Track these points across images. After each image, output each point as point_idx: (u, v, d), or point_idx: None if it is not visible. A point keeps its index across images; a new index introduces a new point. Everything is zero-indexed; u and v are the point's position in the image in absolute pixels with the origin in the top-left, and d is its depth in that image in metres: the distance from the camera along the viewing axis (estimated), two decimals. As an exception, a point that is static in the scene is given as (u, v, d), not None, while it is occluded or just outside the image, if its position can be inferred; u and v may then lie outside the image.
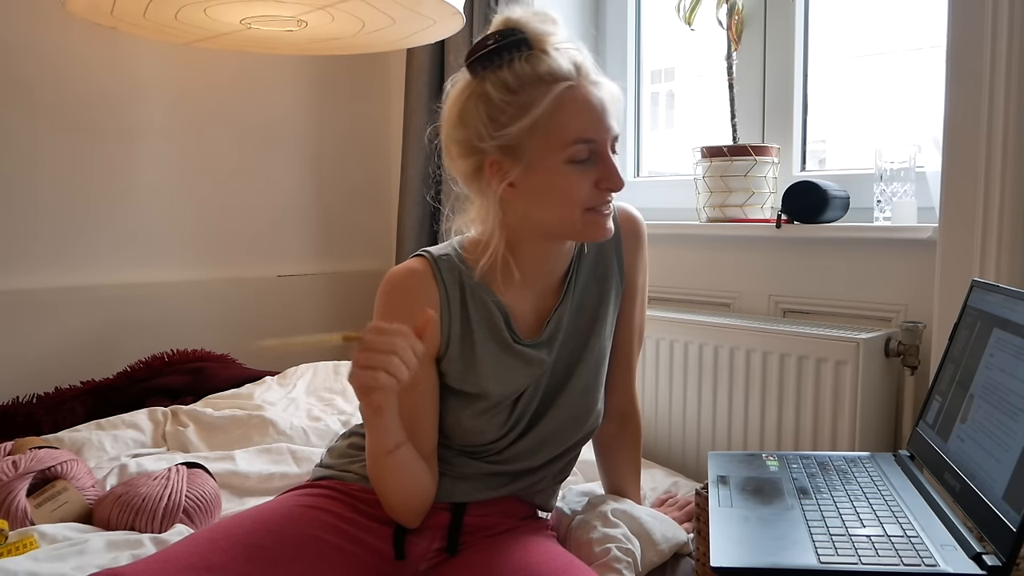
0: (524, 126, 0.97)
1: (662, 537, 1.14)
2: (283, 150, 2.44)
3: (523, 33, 0.99)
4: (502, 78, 0.98)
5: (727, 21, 1.79)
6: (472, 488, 1.10)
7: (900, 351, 1.43)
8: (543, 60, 0.98)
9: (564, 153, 0.98)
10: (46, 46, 2.01)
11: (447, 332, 1.06)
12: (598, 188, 1.00)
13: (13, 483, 1.26)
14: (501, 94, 0.98)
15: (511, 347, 1.08)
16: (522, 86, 0.97)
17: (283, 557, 0.98)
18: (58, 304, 2.05)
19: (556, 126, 0.97)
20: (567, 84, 0.97)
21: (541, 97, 0.96)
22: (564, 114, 0.97)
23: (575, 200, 0.99)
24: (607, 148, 1.00)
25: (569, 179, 0.99)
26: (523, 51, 0.98)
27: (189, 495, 1.28)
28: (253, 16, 1.61)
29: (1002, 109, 1.21)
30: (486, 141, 0.99)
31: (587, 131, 0.98)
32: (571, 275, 1.12)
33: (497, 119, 0.98)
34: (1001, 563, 0.77)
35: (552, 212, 1.01)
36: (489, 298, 1.07)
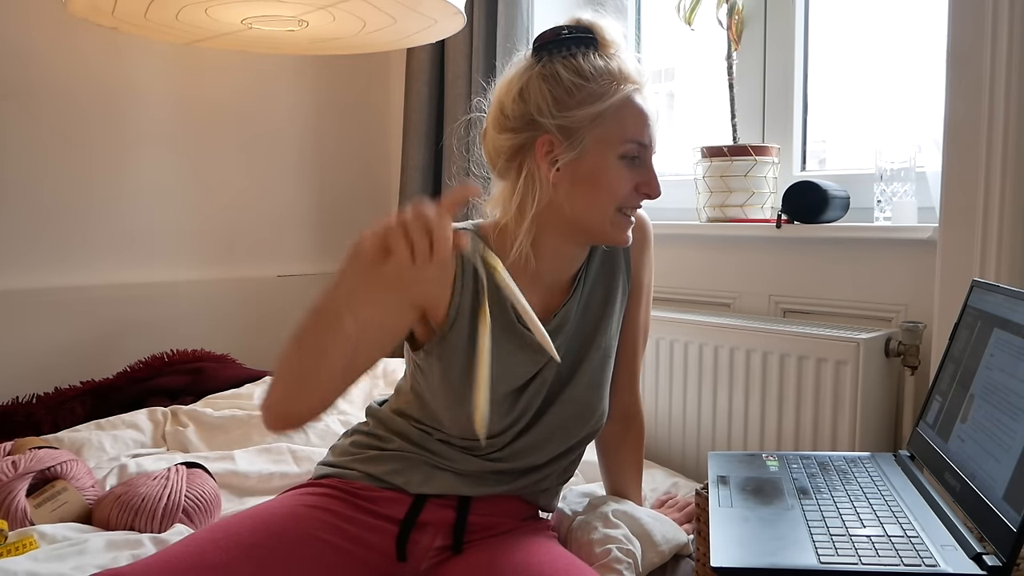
0: (590, 113, 1.01)
1: (662, 538, 1.14)
2: (283, 150, 2.44)
3: (594, 34, 1.05)
4: (575, 65, 1.03)
5: (727, 21, 1.79)
6: (476, 484, 1.10)
7: (900, 351, 1.43)
8: (616, 59, 1.04)
9: (619, 148, 1.03)
10: (47, 47, 2.01)
11: (457, 304, 1.05)
12: (637, 191, 1.05)
13: (13, 483, 1.26)
14: (573, 77, 1.02)
15: (515, 330, 1.08)
16: (596, 76, 1.02)
17: (283, 557, 0.98)
18: (58, 304, 2.05)
19: (618, 121, 1.02)
20: (636, 86, 1.04)
21: (612, 91, 1.02)
22: (628, 113, 1.03)
23: (615, 195, 1.04)
24: (651, 156, 1.07)
25: (616, 173, 1.03)
26: (593, 46, 1.04)
27: (189, 495, 1.28)
28: (254, 16, 1.61)
29: (1002, 109, 1.21)
30: (546, 117, 1.02)
31: (642, 134, 1.04)
32: (582, 274, 1.14)
33: (563, 101, 1.02)
34: (1001, 563, 0.77)
35: (588, 203, 1.04)
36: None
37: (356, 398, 1.92)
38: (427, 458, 1.10)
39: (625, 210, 1.06)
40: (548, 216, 1.06)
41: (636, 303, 1.21)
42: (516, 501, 1.14)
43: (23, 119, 2.00)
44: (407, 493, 1.08)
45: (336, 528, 1.04)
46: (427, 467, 1.10)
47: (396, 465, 1.10)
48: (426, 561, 1.08)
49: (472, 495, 1.10)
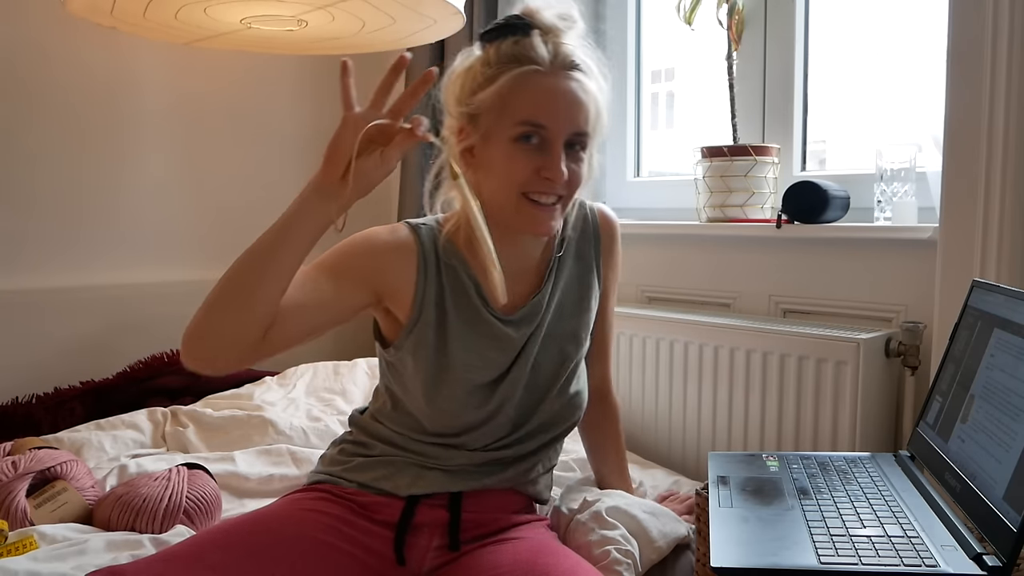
0: (487, 97, 1.01)
1: (659, 534, 1.15)
2: (283, 150, 2.44)
3: (529, 21, 1.02)
4: (488, 53, 1.03)
5: (727, 21, 1.79)
6: (465, 479, 1.10)
7: (900, 351, 1.43)
8: (525, 44, 1.01)
9: (512, 130, 1.00)
10: (46, 46, 2.01)
11: (421, 295, 1.06)
12: (538, 176, 1.01)
13: (13, 483, 1.26)
14: (480, 65, 1.03)
15: (482, 316, 1.08)
16: (498, 62, 1.01)
17: (284, 558, 0.98)
18: (58, 304, 2.05)
19: (512, 103, 1.00)
20: (533, 68, 1.00)
21: (506, 73, 1.00)
22: (522, 94, 1.00)
23: (511, 179, 1.01)
24: (558, 139, 1.01)
25: (511, 156, 1.01)
26: (521, 33, 1.02)
27: (190, 496, 1.28)
28: (253, 16, 1.61)
29: (1002, 109, 1.21)
30: (460, 107, 1.04)
31: (539, 115, 1.00)
32: (552, 265, 1.14)
33: (470, 88, 1.03)
34: (1001, 563, 0.77)
35: (492, 189, 1.04)
36: (462, 269, 1.09)
37: (356, 398, 1.92)
38: (413, 459, 1.10)
39: (531, 195, 1.02)
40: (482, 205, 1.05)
41: (606, 298, 1.23)
42: (508, 494, 1.14)
43: (22, 119, 2.00)
44: (398, 497, 1.08)
45: (336, 530, 1.04)
46: (415, 468, 1.09)
47: (383, 470, 1.10)
48: (427, 563, 1.08)
49: (462, 490, 1.09)
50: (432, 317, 1.07)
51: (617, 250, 1.22)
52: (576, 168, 1.03)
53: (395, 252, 1.07)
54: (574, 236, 1.17)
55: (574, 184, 1.03)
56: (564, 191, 1.03)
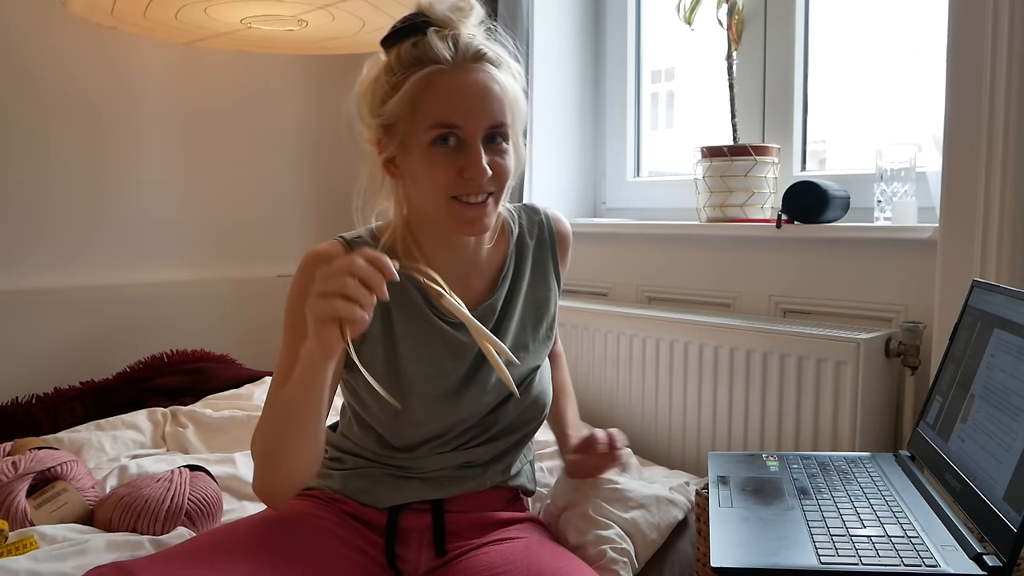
0: (396, 105, 0.98)
1: (651, 528, 1.15)
2: (283, 150, 2.44)
3: (425, 17, 0.99)
4: (390, 61, 1.00)
5: (727, 21, 1.79)
6: (445, 485, 1.09)
7: (900, 351, 1.43)
8: (423, 44, 0.98)
9: (426, 135, 0.97)
10: (46, 46, 2.01)
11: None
12: (462, 177, 0.98)
13: (13, 484, 1.26)
14: (384, 74, 1.00)
15: (431, 323, 1.07)
16: (401, 68, 0.98)
17: (284, 559, 0.98)
18: (58, 304, 2.05)
19: (421, 107, 0.97)
20: (436, 67, 0.97)
21: (409, 78, 0.97)
22: (430, 96, 0.96)
23: (435, 185, 0.98)
24: (476, 136, 0.97)
25: (432, 162, 0.98)
26: (419, 33, 0.98)
27: (192, 498, 1.28)
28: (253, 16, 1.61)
29: (1002, 109, 1.21)
30: (375, 118, 1.01)
31: (450, 116, 0.96)
32: (507, 271, 1.12)
33: (380, 98, 1.00)
34: (1002, 563, 0.77)
35: (421, 195, 1.01)
36: (406, 277, 1.04)
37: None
38: (388, 470, 1.09)
39: (461, 198, 0.99)
40: (414, 215, 1.05)
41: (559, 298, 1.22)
42: (490, 491, 1.13)
43: (22, 119, 2.00)
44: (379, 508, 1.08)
45: (332, 534, 1.04)
46: (391, 479, 1.08)
47: (361, 483, 1.09)
48: (422, 566, 1.08)
49: (444, 496, 1.08)
50: (378, 331, 1.05)
51: (569, 253, 1.21)
52: (500, 161, 0.99)
53: None
54: (531, 243, 1.15)
55: (502, 177, 1.00)
56: (493, 187, 0.99)
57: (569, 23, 2.17)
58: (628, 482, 1.25)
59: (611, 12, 2.18)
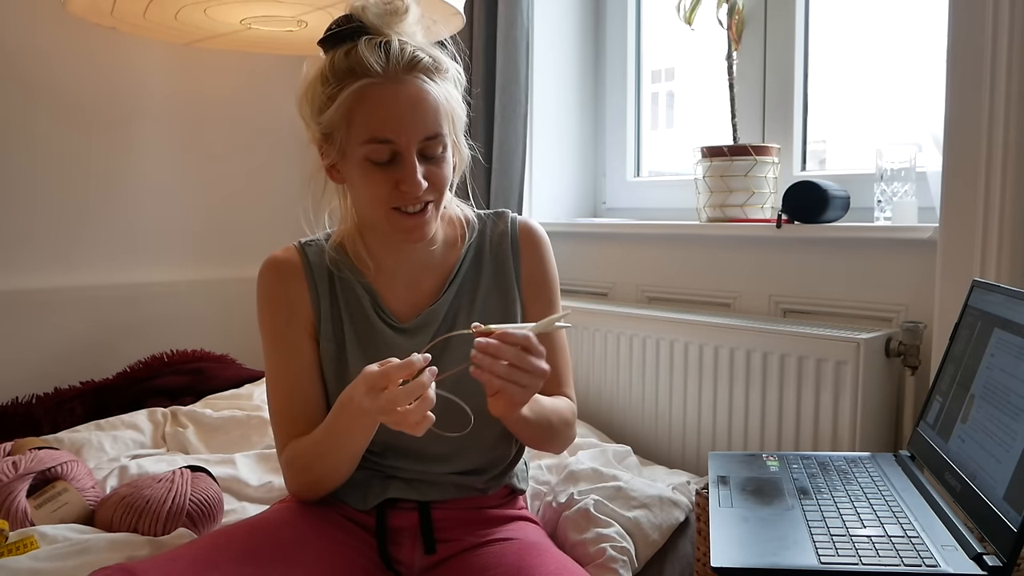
0: (333, 117, 0.97)
1: (653, 528, 1.15)
2: (283, 150, 2.44)
3: (359, 22, 0.98)
4: (324, 70, 0.99)
5: (727, 21, 1.79)
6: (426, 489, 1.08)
7: (901, 351, 1.43)
8: (355, 54, 0.96)
9: (360, 150, 0.97)
10: (46, 46, 2.01)
11: (317, 310, 1.07)
12: (399, 189, 0.97)
13: (13, 484, 1.26)
14: (318, 83, 0.99)
15: (375, 327, 1.07)
16: (335, 77, 0.97)
17: (284, 560, 0.98)
18: (58, 304, 2.05)
19: (355, 122, 0.96)
20: (367, 81, 0.95)
21: (342, 92, 0.96)
22: (362, 111, 0.96)
23: (376, 198, 0.98)
24: (410, 149, 0.96)
25: (369, 176, 0.98)
26: (353, 39, 0.97)
27: (193, 499, 1.28)
28: (253, 16, 1.61)
29: (1002, 109, 1.21)
30: (313, 124, 1.01)
31: (383, 131, 0.95)
32: (455, 276, 1.10)
33: (318, 106, 0.99)
34: (1002, 563, 0.77)
35: (361, 205, 1.03)
36: (357, 280, 1.08)
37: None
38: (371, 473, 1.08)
39: (403, 208, 0.99)
40: (361, 220, 1.06)
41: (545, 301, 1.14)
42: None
43: (22, 119, 2.00)
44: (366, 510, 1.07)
45: (330, 536, 1.04)
46: (375, 479, 1.08)
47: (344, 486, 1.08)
48: (417, 564, 1.07)
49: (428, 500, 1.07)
50: (330, 332, 1.07)
51: (541, 262, 1.14)
52: (436, 170, 0.99)
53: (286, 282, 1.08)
54: (491, 248, 1.12)
55: (440, 186, 1.00)
56: (431, 196, 0.99)
57: (569, 23, 2.17)
58: (631, 481, 1.25)
59: (611, 12, 2.18)
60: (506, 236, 1.13)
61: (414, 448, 1.06)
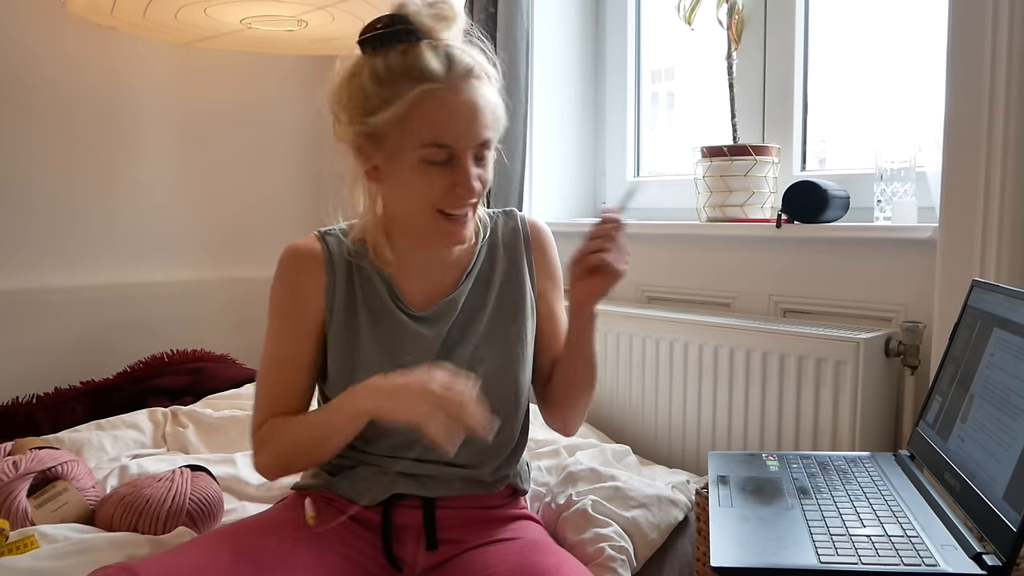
0: (385, 119, 0.97)
1: (651, 527, 1.15)
2: (283, 150, 2.44)
3: (410, 24, 0.98)
4: (376, 67, 0.98)
5: (727, 21, 1.79)
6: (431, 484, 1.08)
7: (900, 351, 1.43)
8: (415, 56, 0.97)
9: (417, 153, 0.97)
10: (46, 46, 2.01)
11: (331, 299, 1.08)
12: (452, 192, 0.99)
13: (14, 483, 1.26)
14: (372, 84, 0.98)
15: (392, 315, 1.08)
16: (391, 79, 0.97)
17: (286, 559, 0.98)
18: (58, 304, 2.05)
19: (414, 125, 0.97)
20: (431, 86, 0.96)
21: (404, 94, 0.96)
22: (423, 115, 0.96)
23: (423, 199, 1.00)
24: (466, 154, 0.98)
25: (422, 177, 0.98)
26: (406, 41, 0.98)
27: (193, 498, 1.28)
28: (253, 16, 1.61)
29: (1002, 109, 1.21)
30: (355, 125, 1.00)
31: (443, 135, 0.97)
32: (472, 267, 1.12)
33: (365, 107, 0.99)
34: (1001, 563, 0.77)
35: (405, 207, 1.03)
36: (374, 270, 1.09)
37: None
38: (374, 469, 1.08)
39: (446, 211, 1.00)
40: (390, 217, 1.06)
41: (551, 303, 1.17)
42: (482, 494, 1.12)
43: (23, 119, 2.00)
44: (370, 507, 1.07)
45: (334, 534, 1.04)
46: (378, 475, 1.08)
47: (347, 483, 1.09)
48: (420, 562, 1.08)
49: (433, 496, 1.08)
50: (342, 319, 1.07)
51: (551, 258, 1.18)
52: (484, 173, 1.02)
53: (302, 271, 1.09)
54: (504, 245, 1.14)
55: (484, 189, 1.03)
56: (476, 198, 1.02)
57: (569, 23, 2.17)
58: (629, 480, 1.25)
59: (611, 12, 2.18)
60: (518, 232, 1.16)
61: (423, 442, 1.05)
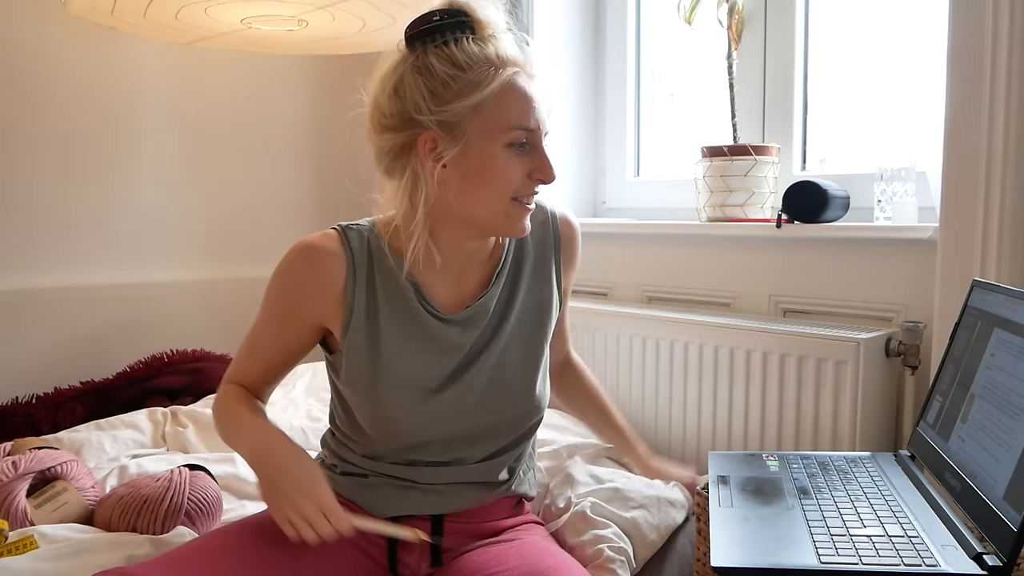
0: (469, 104, 0.96)
1: (651, 528, 1.15)
2: (283, 150, 2.44)
3: (467, 17, 0.99)
4: (449, 54, 0.97)
5: (727, 20, 1.79)
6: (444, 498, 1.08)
7: (901, 351, 1.43)
8: (492, 43, 0.99)
9: (504, 137, 0.97)
10: (46, 47, 2.01)
11: (351, 300, 1.04)
12: (530, 179, 1.00)
13: (13, 483, 1.26)
14: (447, 68, 0.97)
15: (420, 318, 1.05)
16: (471, 65, 0.97)
17: (285, 561, 0.98)
18: (58, 304, 2.05)
19: (500, 109, 0.97)
20: (515, 70, 0.99)
21: (489, 79, 0.96)
22: (509, 99, 0.97)
23: (507, 186, 0.99)
24: (541, 140, 1.01)
25: (505, 163, 0.98)
26: (467, 33, 0.99)
27: (191, 497, 1.28)
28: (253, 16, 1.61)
29: (1002, 109, 1.21)
30: (424, 114, 0.97)
31: (528, 119, 0.99)
32: (502, 267, 1.10)
33: (440, 94, 0.97)
34: (1002, 563, 0.77)
35: (481, 197, 0.99)
36: (400, 272, 1.05)
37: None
38: (385, 480, 1.08)
39: (521, 199, 1.01)
40: (440, 212, 1.02)
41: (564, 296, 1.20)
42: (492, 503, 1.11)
43: (22, 119, 2.00)
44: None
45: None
46: (391, 489, 1.07)
47: (359, 492, 1.08)
48: (422, 569, 1.08)
49: (442, 512, 1.07)
50: (362, 321, 1.04)
51: (577, 254, 1.19)
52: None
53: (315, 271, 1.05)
54: (533, 241, 1.13)
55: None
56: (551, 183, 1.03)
57: (569, 23, 2.17)
58: (629, 482, 1.25)
59: (611, 12, 2.18)
60: (548, 228, 1.15)
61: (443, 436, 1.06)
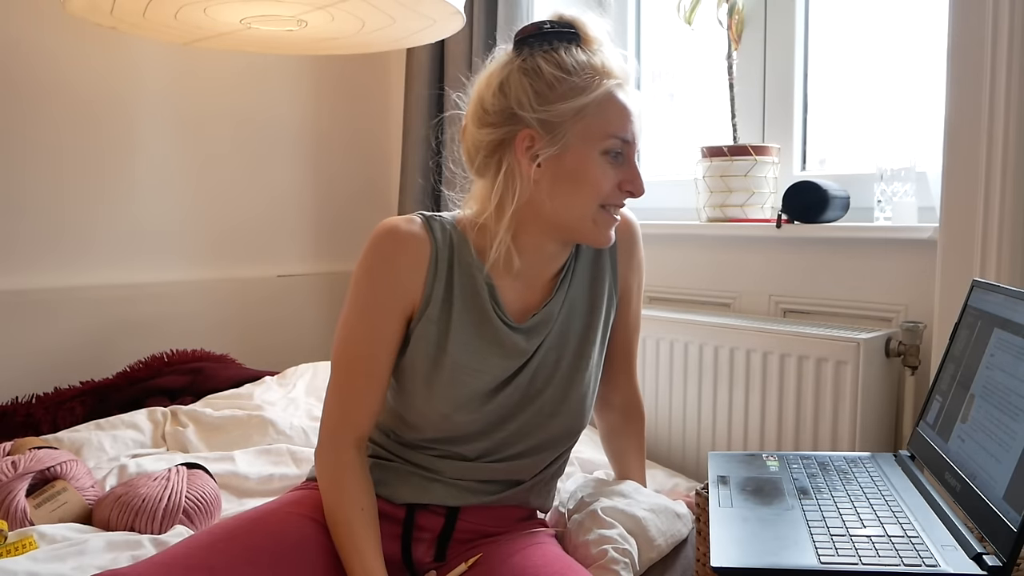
0: (572, 107, 0.99)
1: (658, 533, 1.15)
2: (283, 150, 2.44)
3: (576, 29, 1.04)
4: (557, 59, 1.01)
5: (727, 21, 1.79)
6: (466, 493, 1.08)
7: (900, 351, 1.43)
8: (599, 54, 1.03)
9: (602, 144, 1.00)
10: (46, 46, 2.01)
11: (429, 290, 1.04)
12: (620, 189, 1.03)
13: (13, 483, 1.26)
14: (555, 71, 1.00)
15: (491, 321, 1.06)
16: (578, 70, 1.00)
17: (284, 559, 0.98)
18: (58, 304, 2.05)
19: (601, 116, 1.00)
20: (618, 82, 1.02)
21: (595, 86, 1.00)
22: (610, 107, 1.01)
23: (598, 192, 1.01)
24: (634, 152, 1.04)
25: (599, 169, 1.01)
26: (575, 42, 1.03)
27: (189, 496, 1.28)
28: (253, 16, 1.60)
29: (1002, 109, 1.21)
30: (527, 111, 1.00)
31: (625, 130, 1.02)
32: (565, 273, 1.11)
33: (544, 95, 1.00)
34: (1002, 563, 0.77)
35: (570, 200, 1.02)
36: (478, 271, 1.06)
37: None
38: (412, 468, 1.08)
39: (608, 208, 1.03)
40: (528, 213, 1.03)
41: (627, 304, 1.19)
42: (509, 506, 1.12)
43: (22, 119, 2.00)
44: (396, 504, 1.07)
45: None
46: (415, 478, 1.08)
47: (380, 475, 1.08)
48: (426, 563, 1.08)
49: (461, 504, 1.08)
50: (436, 313, 1.05)
51: (638, 251, 1.19)
52: None
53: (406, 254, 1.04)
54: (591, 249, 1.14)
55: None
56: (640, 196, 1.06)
57: (569, 23, 2.17)
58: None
59: (611, 12, 2.17)
60: None
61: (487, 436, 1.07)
